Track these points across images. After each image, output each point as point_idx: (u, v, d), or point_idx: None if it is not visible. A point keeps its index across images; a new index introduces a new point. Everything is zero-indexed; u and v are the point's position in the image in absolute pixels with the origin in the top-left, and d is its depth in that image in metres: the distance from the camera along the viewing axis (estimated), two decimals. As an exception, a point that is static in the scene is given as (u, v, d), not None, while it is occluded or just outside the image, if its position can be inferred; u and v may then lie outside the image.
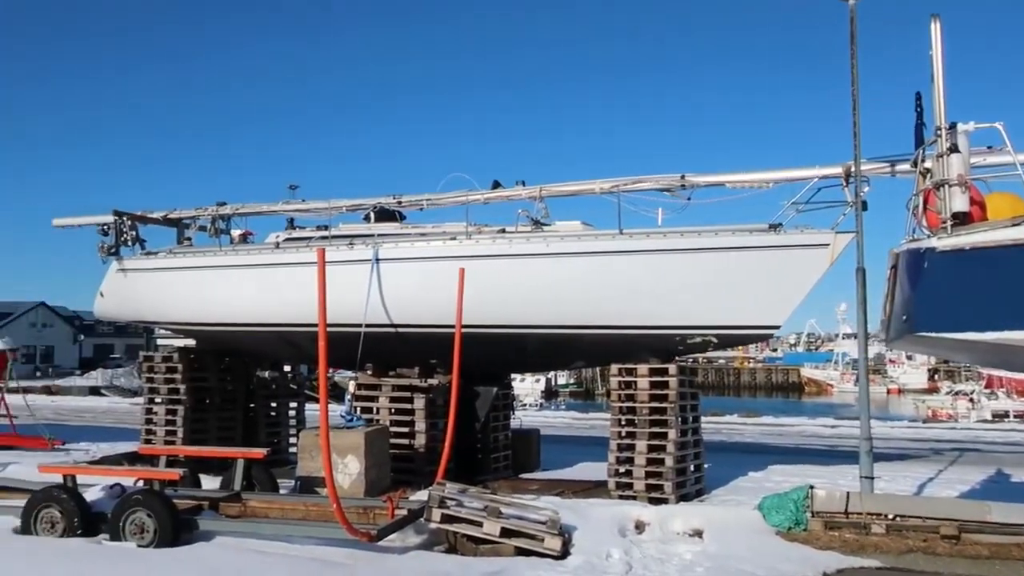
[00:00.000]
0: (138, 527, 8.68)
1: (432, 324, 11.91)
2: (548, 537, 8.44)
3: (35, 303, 74.49)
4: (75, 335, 78.07)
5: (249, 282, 13.17)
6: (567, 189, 12.18)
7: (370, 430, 11.38)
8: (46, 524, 9.10)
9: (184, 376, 13.91)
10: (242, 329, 13.64)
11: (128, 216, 14.44)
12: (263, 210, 14.37)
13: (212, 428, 14.29)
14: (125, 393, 44.78)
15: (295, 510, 9.66)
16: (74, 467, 10.21)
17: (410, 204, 13.16)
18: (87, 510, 9.15)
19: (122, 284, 14.54)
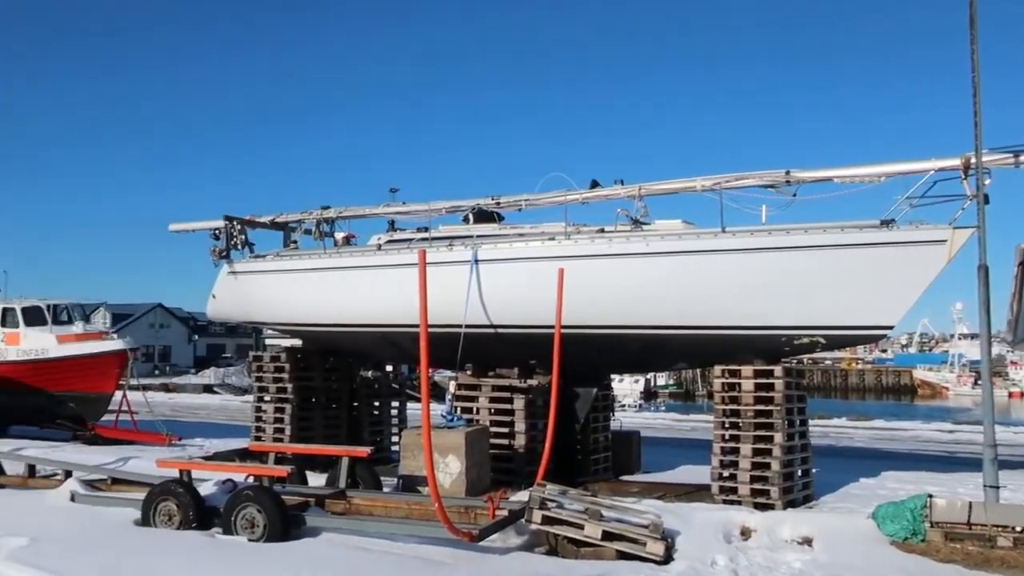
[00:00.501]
0: (249, 522, 8.96)
1: (531, 325, 11.89)
2: (650, 541, 8.31)
3: (153, 305, 78.23)
4: (190, 335, 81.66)
5: (352, 283, 13.44)
6: (667, 187, 11.96)
7: (470, 430, 11.45)
8: (164, 517, 9.49)
9: (291, 375, 14.31)
10: (345, 330, 13.93)
11: (238, 221, 14.95)
12: (365, 213, 14.65)
13: (318, 426, 14.65)
14: (236, 391, 46.48)
15: (398, 508, 9.80)
16: (189, 463, 10.62)
17: (508, 205, 13.18)
18: (201, 504, 9.50)
19: (232, 286, 15.06)
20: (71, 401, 19.33)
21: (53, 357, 19.44)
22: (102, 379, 19.21)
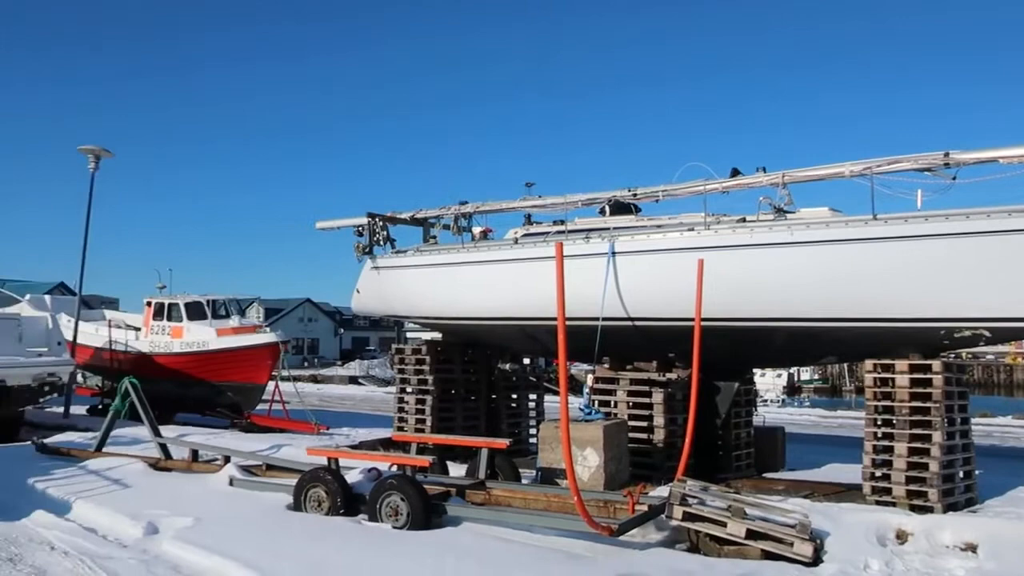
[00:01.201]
0: (393, 510, 9.22)
1: (670, 317, 11.68)
2: (798, 542, 7.99)
3: (302, 300, 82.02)
4: (336, 328, 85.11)
5: (489, 277, 13.59)
6: (813, 174, 11.44)
7: (609, 423, 11.36)
8: (313, 502, 9.90)
9: (432, 368, 14.63)
10: (484, 323, 14.11)
11: (380, 217, 15.40)
12: (502, 207, 14.78)
13: (458, 417, 14.92)
14: (379, 383, 48.04)
15: (536, 500, 9.84)
16: (337, 451, 11.02)
17: (645, 196, 12.97)
18: (348, 491, 9.85)
19: (375, 281, 15.55)
20: (229, 391, 20.52)
21: (213, 349, 20.67)
22: (257, 370, 20.28)
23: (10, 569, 7.94)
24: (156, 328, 21.84)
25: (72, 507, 10.42)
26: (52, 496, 10.93)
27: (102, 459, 13.10)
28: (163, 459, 12.86)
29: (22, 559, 8.30)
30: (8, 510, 10.32)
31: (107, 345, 22.50)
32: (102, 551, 8.63)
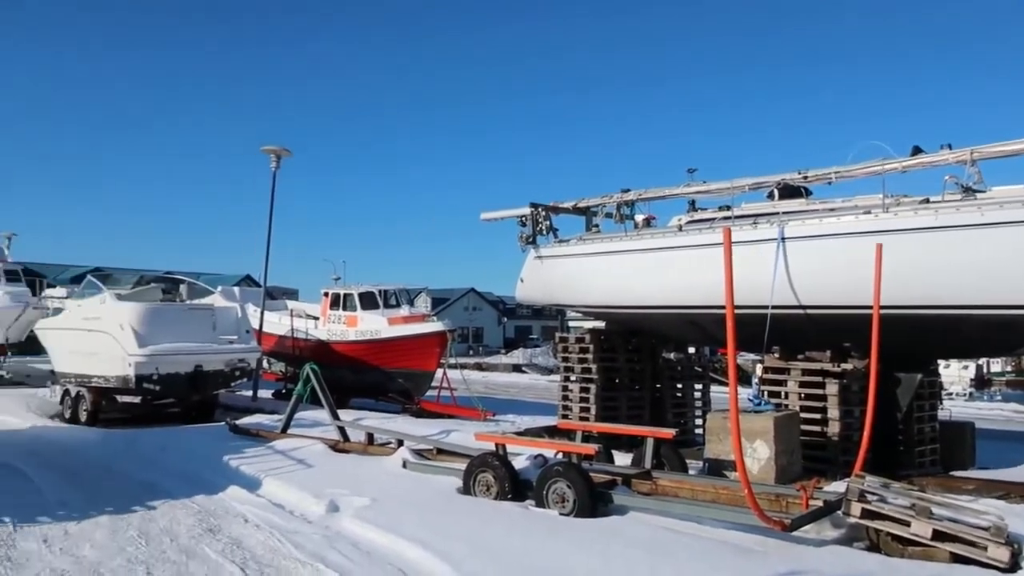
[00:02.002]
0: (559, 496, 9.30)
1: (845, 305, 11.15)
2: (992, 545, 7.43)
3: (467, 289, 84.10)
4: (499, 318, 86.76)
5: (653, 265, 13.45)
6: (1006, 149, 10.59)
7: (779, 415, 10.99)
8: (482, 487, 10.15)
9: (595, 356, 14.66)
10: (647, 311, 13.98)
11: (543, 207, 15.56)
12: (664, 194, 14.58)
13: (622, 406, 14.88)
14: (542, 371, 48.58)
15: (704, 492, 9.65)
16: (504, 437, 11.25)
17: (817, 179, 12.43)
18: (516, 477, 10.02)
19: (539, 270, 15.73)
20: (400, 377, 21.37)
21: (385, 337, 21.59)
22: (426, 358, 21.02)
23: (211, 539, 8.63)
24: (333, 317, 23.04)
25: (262, 484, 11.18)
26: (245, 473, 11.76)
27: (287, 440, 13.98)
28: (341, 441, 13.57)
29: (221, 530, 9.00)
30: (208, 485, 11.23)
31: (289, 333, 23.96)
32: (289, 526, 9.21)
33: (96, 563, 7.70)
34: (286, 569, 7.59)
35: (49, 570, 7.46)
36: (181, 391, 18.02)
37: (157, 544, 8.41)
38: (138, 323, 17.41)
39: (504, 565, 7.38)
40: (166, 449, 13.84)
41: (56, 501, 10.34)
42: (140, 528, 9.05)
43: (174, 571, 7.50)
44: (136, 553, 8.06)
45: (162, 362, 17.25)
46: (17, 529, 8.89)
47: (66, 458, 13.61)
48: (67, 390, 19.28)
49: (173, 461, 13.01)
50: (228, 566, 7.66)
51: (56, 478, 11.88)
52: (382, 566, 7.69)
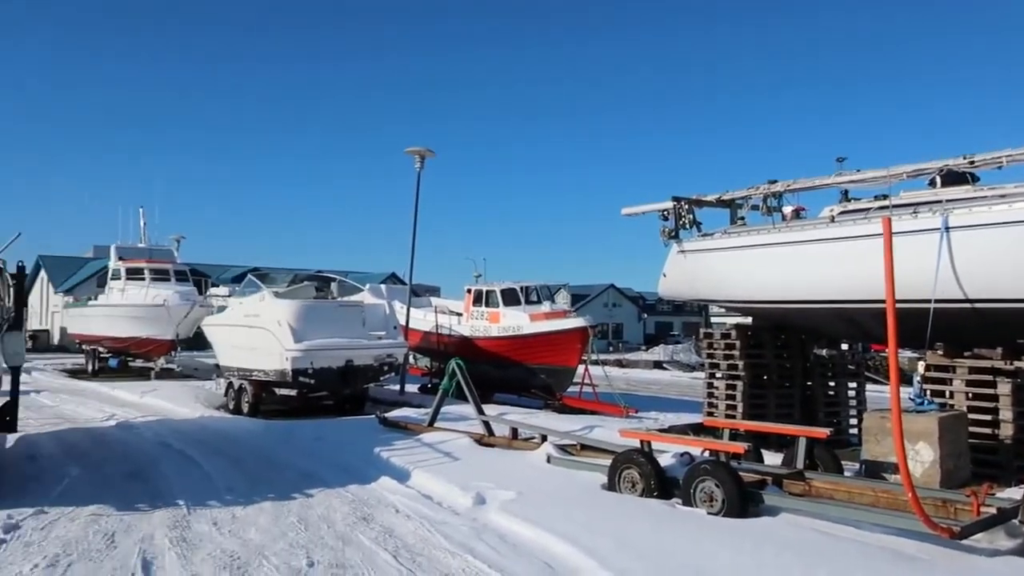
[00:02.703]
0: (707, 495, 9.11)
1: (1019, 298, 10.37)
2: None
3: (606, 285, 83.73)
4: (639, 314, 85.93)
5: (803, 258, 12.95)
6: None
7: (945, 415, 10.35)
8: (627, 483, 10.07)
9: (742, 352, 14.27)
10: (797, 306, 13.49)
11: (685, 201, 15.27)
12: (815, 184, 14.00)
13: (770, 404, 14.42)
14: (684, 368, 47.71)
15: (862, 495, 9.21)
16: (649, 434, 11.12)
17: (985, 163, 11.61)
18: (662, 474, 9.89)
19: (682, 265, 15.45)
20: (542, 373, 21.49)
21: (527, 333, 21.77)
22: (568, 353, 21.04)
23: (365, 527, 8.96)
24: (476, 313, 23.46)
25: (411, 475, 11.51)
26: (395, 464, 12.15)
27: (434, 433, 14.34)
28: (486, 435, 13.79)
29: (373, 519, 9.33)
30: (361, 475, 11.68)
31: (434, 329, 24.57)
32: (438, 517, 9.44)
33: (261, 546, 8.14)
34: (436, 559, 7.78)
35: (220, 551, 7.94)
36: (333, 384, 18.80)
37: (315, 530, 8.81)
38: (294, 320, 18.30)
39: (651, 563, 7.29)
40: (321, 439, 14.47)
41: (224, 487, 11.00)
42: (299, 514, 9.50)
43: (332, 556, 7.82)
44: (297, 538, 8.47)
45: (316, 357, 18.06)
46: (191, 512, 9.52)
47: (231, 446, 14.45)
48: (231, 383, 20.50)
49: (328, 451, 13.59)
50: (382, 553, 7.93)
51: (223, 465, 12.64)
52: (529, 559, 7.75)
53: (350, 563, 7.61)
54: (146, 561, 7.58)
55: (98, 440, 15.24)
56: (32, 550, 7.87)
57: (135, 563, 7.50)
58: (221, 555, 7.80)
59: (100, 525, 8.84)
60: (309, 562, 7.61)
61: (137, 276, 30.23)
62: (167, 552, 7.87)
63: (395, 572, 7.35)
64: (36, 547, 7.97)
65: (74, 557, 7.65)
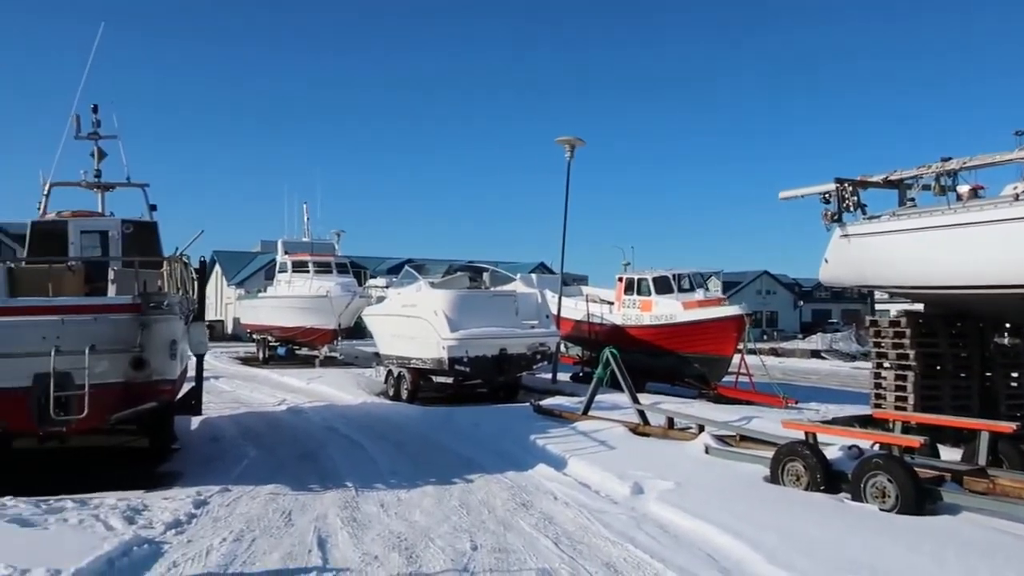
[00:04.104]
0: (879, 491, 8.68)
1: None
2: None
3: (759, 272, 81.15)
4: (795, 301, 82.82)
5: (983, 240, 12.04)
6: None
7: None
8: (791, 476, 9.74)
9: (912, 341, 13.48)
10: (976, 291, 12.58)
11: (849, 182, 14.54)
12: (995, 160, 12.97)
13: (945, 396, 13.55)
14: (844, 357, 45.69)
15: (1056, 495, 8.54)
16: (814, 425, 10.71)
17: None
18: (828, 467, 9.50)
19: (845, 249, 14.71)
20: (696, 362, 21.11)
21: (680, 322, 21.43)
22: (722, 342, 20.57)
23: (524, 513, 9.10)
24: (627, 302, 23.30)
25: (567, 463, 11.58)
26: (551, 452, 12.26)
27: (588, 422, 14.37)
28: (641, 424, 13.68)
29: (532, 505, 9.45)
30: (518, 462, 11.86)
31: (585, 318, 24.59)
32: (595, 505, 9.46)
33: (426, 528, 8.41)
34: (597, 547, 7.80)
35: (388, 531, 8.27)
36: (488, 373, 19.15)
37: (477, 515, 9.02)
38: (449, 309, 18.76)
39: (820, 559, 7.03)
40: (478, 426, 14.79)
41: (388, 470, 11.45)
42: (461, 499, 9.75)
43: (494, 541, 7.98)
44: (460, 522, 8.70)
45: (471, 345, 18.45)
46: (359, 493, 9.96)
47: (393, 431, 15.01)
48: (390, 370, 21.27)
49: (485, 437, 13.87)
50: (543, 539, 8.03)
51: (386, 449, 13.15)
52: (690, 550, 7.65)
53: (512, 548, 7.75)
54: (321, 539, 7.99)
55: (271, 423, 16.20)
56: (220, 525, 8.46)
57: (311, 540, 7.92)
58: (390, 536, 8.12)
59: (278, 504, 9.40)
60: (473, 545, 7.80)
61: (302, 269, 31.88)
62: (339, 531, 8.27)
63: (556, 559, 7.43)
64: (223, 522, 8.56)
65: (257, 533, 8.17)
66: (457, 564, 7.24)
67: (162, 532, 8.06)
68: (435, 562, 7.32)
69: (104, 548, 7.26)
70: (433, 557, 7.45)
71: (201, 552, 7.47)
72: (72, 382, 9.59)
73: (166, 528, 8.18)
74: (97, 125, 15.92)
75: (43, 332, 9.67)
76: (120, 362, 9.99)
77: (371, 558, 7.38)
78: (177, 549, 7.58)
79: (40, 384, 9.56)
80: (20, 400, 9.58)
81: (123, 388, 10.09)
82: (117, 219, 14.90)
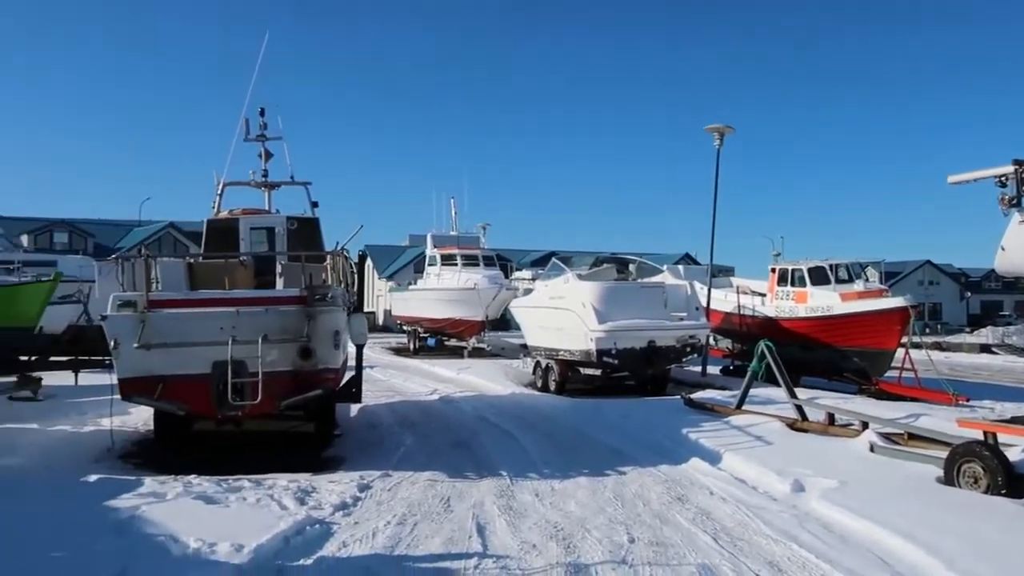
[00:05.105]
0: (1071, 497, 8.03)
1: None
2: None
3: (921, 262, 76.59)
4: (961, 292, 77.76)
5: None
6: None
7: None
8: (968, 478, 9.15)
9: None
10: None
11: (1029, 164, 13.48)
12: None
13: None
14: (1019, 352, 42.65)
15: None
16: (995, 425, 9.99)
17: None
18: (1010, 470, 8.87)
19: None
20: (855, 356, 20.17)
21: (838, 314, 20.54)
22: (884, 335, 19.56)
23: (680, 507, 8.97)
24: (780, 294, 22.54)
25: (722, 458, 11.33)
26: (704, 446, 12.03)
27: (742, 416, 14.00)
28: (799, 420, 13.19)
29: (688, 500, 9.31)
30: (670, 455, 11.73)
31: (735, 310, 23.97)
32: (753, 501, 9.21)
33: (582, 519, 8.44)
34: (758, 545, 7.59)
35: (544, 521, 8.35)
36: (636, 365, 18.98)
37: (631, 507, 8.97)
38: (597, 301, 18.70)
39: (1009, 568, 6.58)
40: (627, 418, 14.69)
41: (540, 460, 11.56)
42: (614, 491, 9.72)
43: (651, 534, 7.91)
44: (615, 514, 8.67)
45: (619, 337, 18.33)
46: (513, 482, 10.11)
47: (543, 422, 15.14)
48: (538, 362, 21.44)
49: (635, 430, 13.77)
50: (701, 535, 7.89)
51: (537, 439, 13.28)
52: (859, 552, 7.33)
53: (670, 542, 7.66)
54: (480, 525, 8.16)
55: (425, 412, 16.69)
56: (383, 508, 8.79)
57: (471, 527, 8.10)
58: (546, 525, 8.20)
59: (436, 490, 9.67)
60: (630, 538, 7.76)
61: (450, 262, 32.65)
62: (497, 519, 8.42)
63: (716, 555, 7.28)
64: (386, 506, 8.90)
65: (418, 517, 8.44)
66: (615, 556, 7.23)
67: (331, 513, 8.46)
68: (593, 553, 7.33)
69: (280, 526, 7.70)
70: (591, 548, 7.46)
71: (368, 534, 7.79)
72: (246, 369, 10.23)
73: (334, 509, 8.58)
74: (264, 128, 16.81)
75: (221, 323, 10.36)
76: (289, 351, 10.56)
77: (529, 546, 7.47)
78: (345, 530, 7.93)
79: (218, 371, 10.24)
80: (202, 386, 10.30)
81: (292, 376, 10.65)
82: (283, 216, 15.69)
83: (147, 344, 10.20)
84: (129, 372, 10.45)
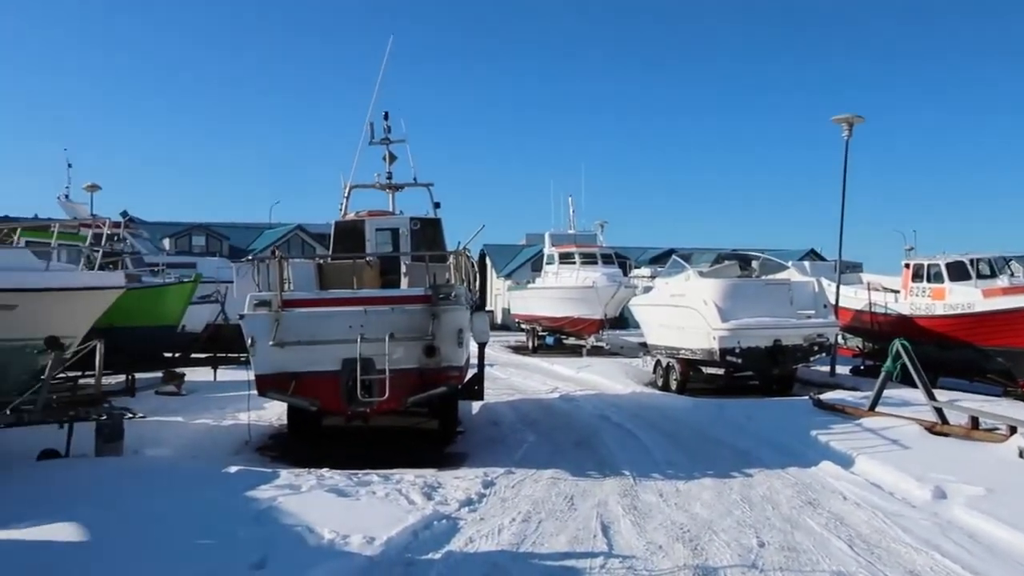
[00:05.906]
0: None
1: None
2: None
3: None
4: None
5: None
6: None
7: None
8: None
9: None
10: None
11: None
12: None
13: None
14: None
15: None
16: None
17: None
18: None
19: None
20: (999, 356, 18.98)
21: (979, 311, 19.37)
22: (1032, 335, 18.31)
23: (811, 512, 8.68)
24: (915, 290, 21.42)
25: (855, 462, 10.89)
26: (835, 449, 11.59)
27: (875, 418, 13.41)
28: (939, 423, 12.53)
29: (820, 504, 9.00)
30: (799, 457, 11.38)
31: (866, 308, 22.96)
32: (891, 508, 8.82)
33: (708, 521, 8.29)
34: (897, 553, 7.27)
35: (670, 522, 8.25)
36: (761, 364, 18.47)
37: (760, 510, 8.74)
38: (720, 298, 18.31)
39: None
40: (752, 419, 14.31)
41: (663, 460, 11.43)
42: (741, 493, 9.51)
43: (781, 539, 7.69)
44: (743, 516, 8.48)
45: (743, 336, 17.89)
46: (637, 482, 10.03)
47: (664, 421, 14.94)
48: (658, 360, 21.17)
49: (761, 430, 13.41)
50: (835, 541, 7.62)
51: (659, 439, 13.12)
52: (1011, 565, 6.93)
53: (801, 547, 7.43)
54: (604, 525, 8.13)
55: (546, 410, 16.75)
56: (508, 505, 8.89)
57: (595, 526, 8.09)
58: (672, 526, 8.09)
59: (559, 488, 9.70)
60: (759, 542, 7.57)
61: (568, 260, 32.62)
62: (622, 519, 8.37)
63: (852, 562, 7.01)
64: (510, 503, 8.99)
65: (543, 515, 8.48)
66: (744, 560, 7.07)
67: (456, 509, 8.61)
68: (721, 556, 7.19)
69: (409, 520, 7.90)
70: (718, 551, 7.32)
71: (493, 530, 7.89)
72: (374, 367, 10.54)
73: (460, 505, 8.73)
74: (388, 131, 17.24)
75: (350, 321, 10.70)
76: (415, 349, 10.81)
77: (655, 547, 7.40)
78: (471, 526, 8.05)
79: (347, 368, 10.58)
80: (332, 382, 10.68)
81: (418, 374, 10.90)
82: (406, 217, 16.07)
83: (281, 342, 10.65)
84: (265, 368, 10.93)
